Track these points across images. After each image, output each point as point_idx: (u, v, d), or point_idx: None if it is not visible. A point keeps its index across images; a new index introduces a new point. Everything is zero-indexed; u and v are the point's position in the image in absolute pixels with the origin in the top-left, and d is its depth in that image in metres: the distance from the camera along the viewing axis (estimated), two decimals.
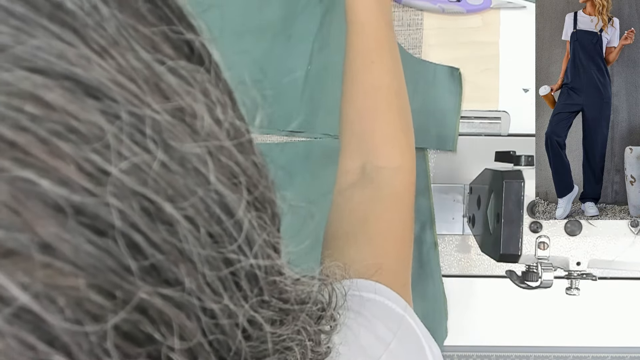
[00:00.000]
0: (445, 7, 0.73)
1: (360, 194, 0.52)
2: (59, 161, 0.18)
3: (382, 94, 0.55)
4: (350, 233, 0.51)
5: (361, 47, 0.55)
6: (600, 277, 0.72)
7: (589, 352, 0.77)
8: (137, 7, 0.22)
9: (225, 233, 0.22)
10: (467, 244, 0.76)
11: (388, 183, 0.53)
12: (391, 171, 0.53)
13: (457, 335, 0.76)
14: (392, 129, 0.54)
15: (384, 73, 0.55)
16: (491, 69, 0.75)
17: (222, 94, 0.24)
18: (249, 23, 0.71)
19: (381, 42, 0.55)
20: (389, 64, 0.55)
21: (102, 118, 0.19)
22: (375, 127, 0.54)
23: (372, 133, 0.54)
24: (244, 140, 0.24)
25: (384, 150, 0.54)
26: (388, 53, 0.56)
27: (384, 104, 0.54)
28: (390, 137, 0.54)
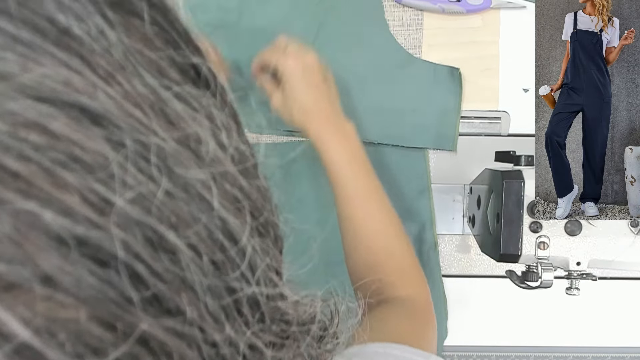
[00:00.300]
0: (445, 7, 0.73)
1: (377, 314, 0.53)
2: (63, 192, 0.17)
3: (370, 225, 0.58)
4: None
5: (349, 200, 0.59)
6: (600, 277, 0.72)
7: (589, 352, 0.77)
8: (144, 31, 0.22)
9: (228, 260, 0.21)
10: (467, 244, 0.76)
11: (403, 306, 0.55)
12: (405, 299, 0.56)
13: (457, 335, 0.76)
14: (399, 269, 0.58)
15: (377, 219, 0.59)
16: (491, 69, 0.75)
17: (227, 118, 0.24)
18: (248, 23, 0.71)
19: (366, 191, 0.59)
20: (379, 209, 0.59)
21: (107, 146, 0.18)
22: (383, 272, 0.57)
23: (382, 278, 0.56)
24: (248, 164, 0.24)
25: (396, 287, 0.56)
26: (375, 199, 0.59)
27: (386, 248, 0.58)
28: (399, 278, 0.57)
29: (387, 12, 0.74)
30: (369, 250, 0.58)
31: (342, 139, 0.60)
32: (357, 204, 0.58)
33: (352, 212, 0.58)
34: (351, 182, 0.59)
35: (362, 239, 0.58)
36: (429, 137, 0.73)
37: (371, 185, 0.59)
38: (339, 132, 0.60)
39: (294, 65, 0.60)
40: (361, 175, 0.59)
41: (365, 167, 0.60)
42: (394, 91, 0.72)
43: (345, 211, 0.59)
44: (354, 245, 0.58)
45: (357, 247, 0.58)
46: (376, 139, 0.72)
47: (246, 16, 0.71)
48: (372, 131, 0.72)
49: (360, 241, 0.58)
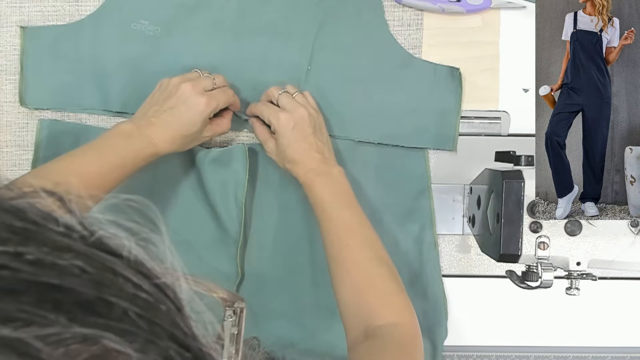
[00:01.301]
0: (445, 7, 0.73)
1: (367, 347, 0.56)
2: None
3: (363, 267, 0.61)
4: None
5: (334, 235, 0.62)
6: (600, 277, 0.72)
7: (589, 352, 0.77)
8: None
9: None
10: (467, 244, 0.76)
11: (391, 335, 0.57)
12: (391, 326, 0.58)
13: (457, 335, 0.76)
14: (382, 295, 0.60)
15: (360, 250, 0.62)
16: (491, 69, 0.75)
17: None
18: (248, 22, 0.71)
19: (349, 226, 0.63)
20: (362, 241, 0.62)
21: None
22: (367, 298, 0.59)
23: (366, 303, 0.59)
24: None
25: (381, 312, 0.59)
26: (359, 232, 0.63)
27: (369, 276, 0.61)
28: (383, 302, 0.60)
29: (387, 12, 0.74)
30: (352, 278, 0.60)
31: (328, 180, 0.64)
32: (340, 236, 0.62)
33: (336, 243, 0.62)
34: (335, 217, 0.63)
35: (345, 267, 0.61)
36: (429, 137, 0.73)
37: (354, 220, 0.63)
38: (325, 175, 0.64)
39: (286, 121, 0.65)
40: (344, 211, 0.63)
41: (349, 203, 0.64)
42: (393, 91, 0.72)
43: (329, 243, 0.62)
44: (338, 274, 0.61)
45: (342, 275, 0.61)
46: (377, 139, 0.72)
47: (247, 16, 0.71)
48: (372, 131, 0.72)
49: (344, 269, 0.61)
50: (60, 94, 0.70)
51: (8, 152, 0.72)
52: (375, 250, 0.62)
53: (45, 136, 0.70)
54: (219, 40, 0.71)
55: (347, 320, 0.60)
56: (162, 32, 0.70)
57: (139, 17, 0.70)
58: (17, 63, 0.71)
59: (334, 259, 0.62)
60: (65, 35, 0.70)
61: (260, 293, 0.71)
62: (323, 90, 0.71)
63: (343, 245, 0.62)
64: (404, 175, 0.73)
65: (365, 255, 0.62)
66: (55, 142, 0.70)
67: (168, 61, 0.70)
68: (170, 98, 0.62)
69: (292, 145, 0.65)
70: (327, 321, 0.71)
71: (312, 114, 0.66)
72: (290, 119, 0.64)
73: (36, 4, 0.72)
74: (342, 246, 0.62)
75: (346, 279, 0.61)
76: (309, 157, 0.65)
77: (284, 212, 0.72)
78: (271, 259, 0.72)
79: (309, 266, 0.71)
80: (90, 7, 0.72)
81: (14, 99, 0.72)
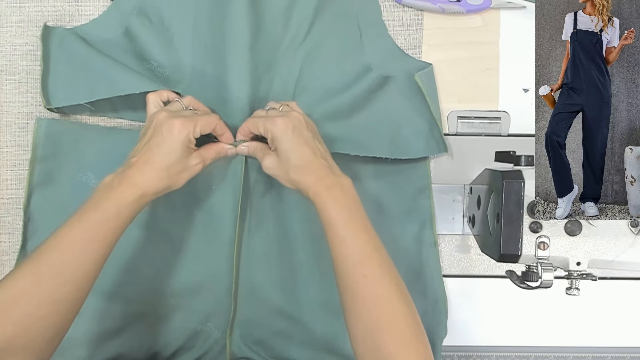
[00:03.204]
0: (445, 7, 0.73)
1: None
2: None
3: (383, 305, 0.55)
4: None
5: (350, 261, 0.56)
6: (600, 277, 0.72)
7: (589, 352, 0.77)
8: None
9: None
10: (467, 244, 0.76)
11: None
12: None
13: (457, 335, 0.76)
14: (403, 337, 0.55)
15: (379, 283, 0.56)
16: (491, 69, 0.75)
17: None
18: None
19: (366, 253, 0.57)
20: (381, 272, 0.56)
21: None
22: (386, 340, 0.54)
23: (385, 346, 0.54)
24: None
25: (400, 358, 0.54)
26: (377, 261, 0.57)
27: (389, 315, 0.55)
28: (404, 347, 0.54)
29: (387, 12, 0.74)
30: (370, 315, 0.55)
31: (341, 194, 0.59)
32: (356, 264, 0.56)
33: (351, 272, 0.56)
34: (350, 241, 0.57)
35: (362, 301, 0.55)
36: (418, 147, 0.71)
37: (371, 245, 0.57)
38: (336, 187, 0.59)
39: (284, 126, 0.60)
40: (361, 235, 0.58)
41: (364, 225, 0.58)
42: (373, 111, 0.71)
43: (344, 271, 0.57)
44: (353, 308, 0.56)
45: (358, 310, 0.56)
46: (374, 154, 0.71)
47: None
48: (362, 148, 0.71)
49: (361, 304, 0.56)
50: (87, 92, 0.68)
51: (8, 152, 0.72)
52: (395, 283, 0.57)
53: (43, 135, 0.69)
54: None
55: (361, 358, 0.55)
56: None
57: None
58: (17, 63, 0.71)
59: (350, 290, 0.56)
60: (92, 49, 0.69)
61: (258, 290, 0.72)
62: (312, 98, 0.71)
63: (360, 276, 0.56)
64: (404, 174, 0.73)
65: (386, 290, 0.56)
66: (53, 141, 0.70)
67: None
68: (147, 131, 0.60)
69: (296, 149, 0.60)
70: (326, 317, 0.71)
71: (307, 118, 0.63)
72: (288, 122, 0.60)
73: (36, 4, 0.72)
74: (359, 277, 0.56)
75: (363, 315, 0.55)
76: (315, 163, 0.60)
77: (281, 207, 0.72)
78: (268, 257, 0.72)
79: (306, 264, 0.71)
80: (90, 7, 0.72)
81: (14, 99, 0.72)
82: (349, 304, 0.56)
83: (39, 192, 0.69)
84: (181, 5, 0.69)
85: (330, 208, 0.58)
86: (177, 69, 0.69)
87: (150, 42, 0.69)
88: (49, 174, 0.69)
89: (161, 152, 0.58)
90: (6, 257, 0.72)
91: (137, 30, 0.68)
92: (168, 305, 0.71)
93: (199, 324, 0.71)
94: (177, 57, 0.69)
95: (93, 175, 0.70)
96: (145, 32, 0.68)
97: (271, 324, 0.72)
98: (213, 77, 0.69)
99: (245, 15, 0.66)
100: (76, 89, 0.67)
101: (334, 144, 0.68)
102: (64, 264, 0.53)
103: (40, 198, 0.69)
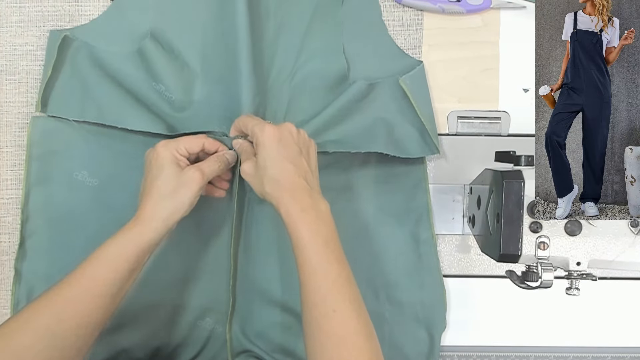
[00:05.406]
0: (445, 7, 0.73)
1: None
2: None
3: (352, 342, 0.53)
4: None
5: (321, 292, 0.54)
6: (600, 277, 0.72)
7: (589, 352, 0.77)
8: None
9: None
10: (467, 244, 0.76)
11: None
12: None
13: (457, 335, 0.76)
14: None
15: (348, 319, 0.54)
16: (491, 69, 0.75)
17: None
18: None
19: (337, 286, 0.55)
20: (351, 308, 0.54)
21: None
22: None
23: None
24: None
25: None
26: (348, 296, 0.55)
27: (356, 351, 0.53)
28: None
29: (387, 12, 0.74)
30: (336, 349, 0.53)
31: (315, 219, 0.56)
32: (326, 298, 0.54)
33: (320, 305, 0.54)
34: (321, 272, 0.55)
35: (328, 336, 0.53)
36: (411, 149, 0.71)
37: (343, 277, 0.55)
38: (312, 211, 0.56)
39: (271, 134, 0.58)
40: (334, 266, 0.55)
41: (337, 256, 0.56)
42: (363, 118, 0.71)
43: (312, 302, 0.55)
44: (319, 339, 0.54)
45: (322, 343, 0.54)
46: (368, 150, 0.71)
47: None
48: (364, 146, 0.71)
49: (326, 338, 0.53)
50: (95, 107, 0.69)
51: (8, 152, 0.72)
52: (364, 320, 0.55)
53: (38, 134, 0.69)
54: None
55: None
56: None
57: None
58: (17, 63, 0.71)
59: (316, 322, 0.54)
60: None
61: (257, 284, 0.72)
62: (303, 102, 0.71)
63: (328, 310, 0.54)
64: (399, 167, 0.73)
65: (354, 327, 0.54)
66: (48, 140, 0.69)
67: None
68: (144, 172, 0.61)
69: (276, 162, 0.57)
70: None
71: (302, 133, 0.61)
72: (277, 132, 0.58)
73: (36, 4, 0.72)
74: (328, 311, 0.54)
75: (327, 349, 0.53)
76: (292, 180, 0.57)
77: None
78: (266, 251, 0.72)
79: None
80: (90, 7, 0.72)
81: (14, 99, 0.72)
82: (314, 335, 0.54)
83: (36, 191, 0.69)
84: (191, 36, 0.70)
85: (303, 233, 0.55)
86: (185, 95, 0.70)
87: (161, 65, 0.69)
88: (45, 173, 0.69)
89: (152, 175, 0.59)
90: (6, 257, 0.72)
91: (150, 53, 0.69)
92: (167, 301, 0.71)
93: (198, 319, 0.71)
94: (186, 84, 0.70)
95: (88, 174, 0.70)
96: (158, 55, 0.69)
97: (270, 318, 0.72)
98: (219, 106, 0.70)
99: (249, 47, 0.67)
100: (71, 105, 0.68)
101: (327, 144, 0.68)
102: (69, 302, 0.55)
103: (38, 197, 0.69)
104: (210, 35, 0.70)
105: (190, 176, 0.59)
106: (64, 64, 0.68)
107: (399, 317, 0.74)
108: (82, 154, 0.70)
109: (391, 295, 0.73)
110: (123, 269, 0.56)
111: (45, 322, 0.53)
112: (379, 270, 0.73)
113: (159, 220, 0.58)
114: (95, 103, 0.68)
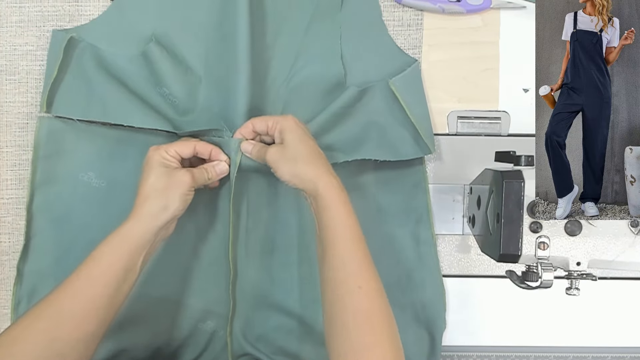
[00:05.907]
0: (445, 7, 0.73)
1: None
2: None
3: (377, 319, 0.55)
4: None
5: (343, 273, 0.56)
6: (600, 277, 0.72)
7: (589, 352, 0.77)
8: None
9: None
10: (467, 244, 0.76)
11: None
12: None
13: (457, 335, 0.76)
14: (388, 356, 0.54)
15: (374, 296, 0.55)
16: (491, 69, 0.75)
17: None
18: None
19: (365, 264, 0.56)
20: (375, 287, 0.56)
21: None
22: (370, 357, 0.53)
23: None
24: None
25: (370, 343, 0.53)
26: (373, 274, 0.57)
27: (384, 328, 0.55)
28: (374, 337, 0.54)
29: (387, 12, 0.74)
30: (358, 330, 0.54)
31: (348, 199, 0.59)
32: (354, 274, 0.56)
33: (346, 282, 0.56)
34: (351, 249, 0.57)
35: (353, 313, 0.55)
36: (404, 151, 0.71)
37: (368, 258, 0.58)
38: (341, 189, 0.59)
39: (293, 120, 0.62)
40: (361, 245, 0.58)
41: (362, 236, 0.58)
42: (355, 123, 0.71)
43: (337, 279, 0.56)
44: (340, 318, 0.55)
45: (345, 322, 0.55)
46: (362, 157, 0.71)
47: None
48: (356, 153, 0.71)
49: (350, 316, 0.55)
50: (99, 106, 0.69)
51: (8, 152, 0.72)
52: (385, 297, 0.57)
53: (45, 134, 0.69)
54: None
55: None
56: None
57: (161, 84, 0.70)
58: (17, 63, 0.71)
59: (341, 300, 0.55)
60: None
61: (257, 287, 0.72)
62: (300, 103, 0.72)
63: (354, 286, 0.55)
64: (398, 168, 0.73)
65: (379, 304, 0.56)
66: (54, 140, 0.70)
67: None
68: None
69: (304, 142, 0.61)
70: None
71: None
72: (297, 122, 0.63)
73: (36, 4, 0.72)
74: (354, 288, 0.55)
75: (355, 329, 0.54)
76: (323, 158, 0.62)
77: (277, 204, 0.72)
78: (266, 254, 0.72)
79: (304, 260, 0.72)
80: (90, 7, 0.72)
81: (14, 99, 0.72)
82: (339, 314, 0.55)
83: (41, 191, 0.69)
84: (194, 40, 0.70)
85: (340, 209, 0.58)
86: (188, 100, 0.70)
87: (165, 69, 0.69)
88: (51, 173, 0.70)
89: (143, 177, 0.61)
90: (6, 257, 0.72)
91: (154, 56, 0.69)
92: (168, 302, 0.71)
93: (199, 321, 0.71)
94: (189, 89, 0.70)
95: (94, 175, 0.70)
96: (162, 59, 0.69)
97: (271, 321, 0.72)
98: (219, 109, 0.70)
99: (248, 50, 0.68)
100: (76, 104, 0.68)
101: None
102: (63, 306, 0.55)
103: (43, 197, 0.69)
104: (212, 38, 0.70)
105: (180, 177, 0.61)
106: (70, 65, 0.68)
107: (400, 317, 0.73)
108: (88, 155, 0.70)
109: (391, 296, 0.74)
110: (117, 268, 0.57)
111: (44, 327, 0.53)
112: (379, 270, 0.73)
113: (147, 215, 0.59)
114: (100, 102, 0.68)
